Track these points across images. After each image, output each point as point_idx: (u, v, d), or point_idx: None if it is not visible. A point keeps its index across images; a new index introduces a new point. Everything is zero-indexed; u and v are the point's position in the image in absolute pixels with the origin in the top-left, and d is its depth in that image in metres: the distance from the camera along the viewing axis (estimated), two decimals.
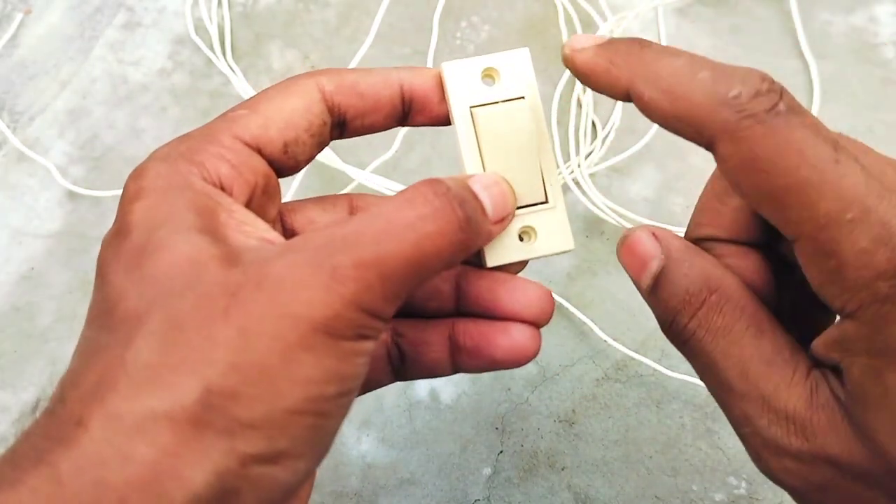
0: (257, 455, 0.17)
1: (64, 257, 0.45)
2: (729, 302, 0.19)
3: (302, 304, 0.17)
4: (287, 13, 0.53)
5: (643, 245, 0.21)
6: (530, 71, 0.24)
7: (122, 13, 0.53)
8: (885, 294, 0.16)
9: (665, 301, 0.20)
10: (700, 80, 0.17)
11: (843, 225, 0.16)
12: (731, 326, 0.19)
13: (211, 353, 0.17)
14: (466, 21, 0.52)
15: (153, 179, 0.20)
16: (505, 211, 0.22)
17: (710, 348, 0.19)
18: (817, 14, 0.50)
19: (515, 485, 0.38)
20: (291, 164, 0.22)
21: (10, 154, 0.48)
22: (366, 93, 0.23)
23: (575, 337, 0.41)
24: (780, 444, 0.18)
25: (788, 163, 0.17)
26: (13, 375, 0.42)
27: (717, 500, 0.37)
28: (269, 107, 0.22)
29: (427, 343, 0.24)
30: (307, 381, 0.17)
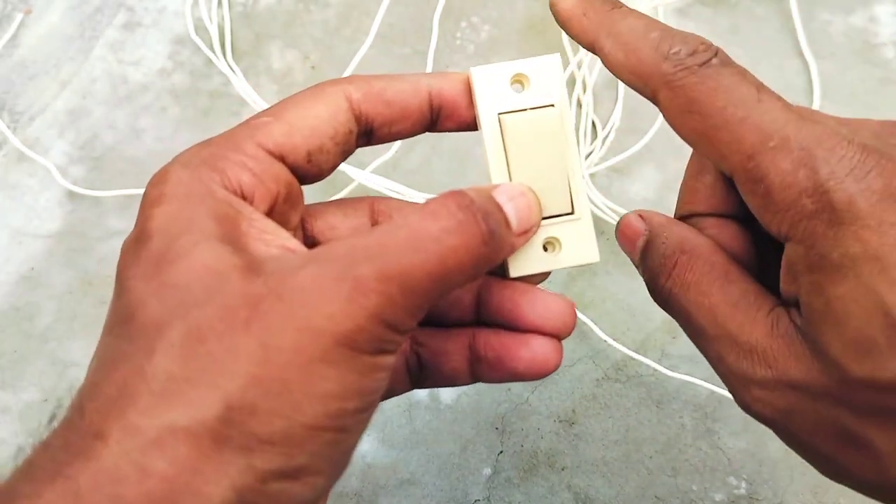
0: (276, 471, 0.16)
1: (64, 257, 0.45)
2: (699, 259, 0.21)
3: (324, 316, 0.17)
4: (287, 13, 0.53)
5: (632, 225, 0.23)
6: (560, 78, 0.23)
7: (122, 13, 0.53)
8: (810, 210, 0.18)
9: (649, 268, 0.23)
10: (650, 38, 0.20)
11: (767, 152, 0.19)
12: (700, 280, 0.21)
13: (232, 366, 0.17)
14: (466, 21, 0.52)
15: (175, 185, 0.20)
16: (529, 223, 0.22)
17: (685, 301, 0.21)
18: (817, 14, 0.50)
19: (515, 485, 0.38)
20: (315, 172, 0.22)
21: (10, 154, 0.48)
22: (393, 100, 0.22)
23: (575, 337, 0.41)
24: (747, 376, 0.20)
25: (716, 104, 0.19)
26: (13, 375, 0.42)
27: (717, 500, 0.37)
28: (294, 115, 0.21)
29: (447, 353, 0.24)
30: (327, 396, 0.17)
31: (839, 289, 0.18)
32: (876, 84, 0.48)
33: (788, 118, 0.19)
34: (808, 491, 0.37)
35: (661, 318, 0.42)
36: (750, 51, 0.49)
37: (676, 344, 0.41)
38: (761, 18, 0.51)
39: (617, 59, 0.21)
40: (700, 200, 0.23)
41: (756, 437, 0.38)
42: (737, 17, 0.51)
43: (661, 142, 0.46)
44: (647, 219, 0.23)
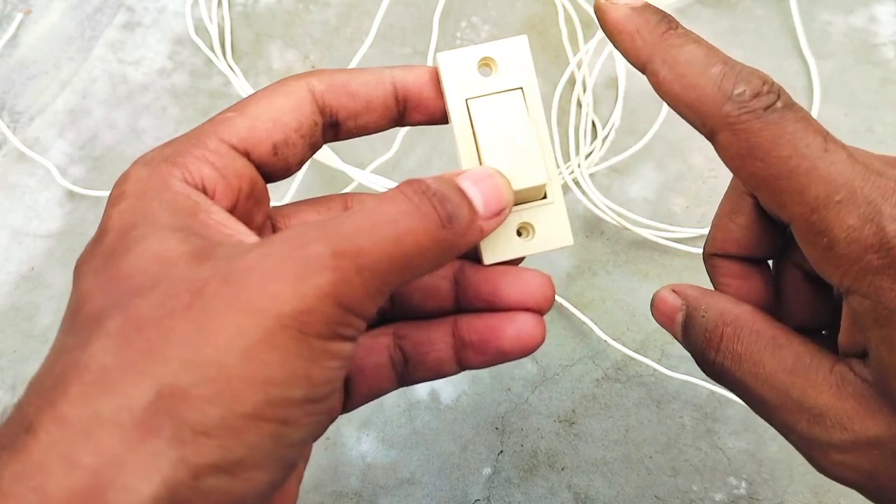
0: (211, 465, 0.15)
1: (64, 257, 0.45)
2: (743, 329, 0.21)
3: (269, 296, 0.16)
4: (287, 13, 0.53)
5: (667, 301, 0.23)
6: (529, 60, 0.23)
7: (122, 13, 0.53)
8: (876, 265, 0.18)
9: (694, 343, 0.22)
10: (711, 74, 0.19)
11: (832, 206, 0.18)
12: (749, 350, 0.21)
13: (166, 351, 0.16)
14: (466, 21, 0.52)
15: (133, 183, 0.19)
16: (500, 205, 0.21)
17: (739, 373, 0.21)
18: (817, 14, 0.51)
19: (515, 485, 0.38)
20: (282, 167, 0.22)
21: (10, 154, 0.48)
22: (357, 92, 0.22)
23: (575, 337, 0.41)
24: (823, 441, 0.19)
25: (781, 152, 0.18)
26: (13, 375, 0.42)
27: (717, 500, 0.37)
28: (257, 109, 0.21)
29: (431, 342, 0.24)
30: (268, 382, 0.16)
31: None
32: (876, 84, 0.48)
33: (855, 170, 0.18)
34: (808, 491, 0.37)
35: None
36: (750, 51, 0.49)
37: (676, 344, 0.41)
38: (761, 18, 0.51)
39: (673, 91, 0.20)
40: (731, 241, 0.23)
41: (756, 437, 0.38)
42: (737, 17, 0.51)
43: (661, 142, 0.46)
44: (681, 293, 0.23)
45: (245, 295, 0.16)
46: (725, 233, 0.23)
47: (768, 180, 0.19)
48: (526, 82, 0.23)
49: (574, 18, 0.51)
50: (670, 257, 0.43)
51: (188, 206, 0.19)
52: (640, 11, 0.21)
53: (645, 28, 0.20)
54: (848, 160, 0.18)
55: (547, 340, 0.41)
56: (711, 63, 0.19)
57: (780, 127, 0.18)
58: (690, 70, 0.19)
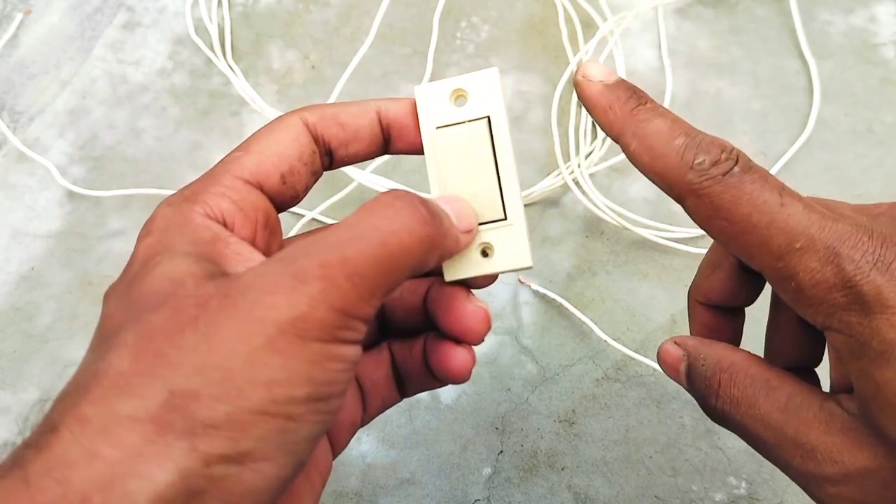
0: (221, 455, 0.17)
1: (64, 257, 0.45)
2: (738, 374, 0.22)
3: (266, 307, 0.17)
4: (287, 13, 0.53)
5: (670, 352, 0.25)
6: (498, 90, 0.24)
7: (122, 13, 0.53)
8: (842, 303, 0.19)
9: (697, 390, 0.24)
10: (674, 146, 0.21)
11: (794, 253, 0.20)
12: (746, 393, 0.22)
13: (176, 358, 0.17)
14: (466, 21, 0.52)
15: (158, 221, 0.21)
16: (469, 223, 0.23)
17: (739, 416, 0.22)
18: (817, 14, 0.51)
19: (515, 485, 0.38)
20: (291, 195, 0.24)
21: (10, 154, 0.48)
22: (346, 123, 0.24)
23: (575, 337, 0.41)
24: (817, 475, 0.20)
25: (742, 210, 0.20)
26: (13, 375, 0.42)
27: (717, 500, 0.37)
28: (261, 145, 0.23)
29: (413, 359, 0.25)
30: (272, 382, 0.17)
31: (885, 373, 0.19)
32: (876, 84, 0.48)
33: (811, 219, 0.20)
34: None
35: (661, 318, 0.42)
36: (750, 51, 0.49)
37: None
38: (761, 18, 0.51)
39: (642, 161, 0.22)
40: (712, 291, 0.26)
41: None
42: (737, 17, 0.51)
43: None
44: (682, 344, 0.25)
45: (244, 307, 0.18)
46: (707, 283, 0.26)
47: (735, 236, 0.21)
48: (493, 111, 0.24)
49: (574, 18, 0.51)
50: (670, 257, 0.43)
51: (207, 237, 0.21)
52: (612, 88, 0.23)
53: (616, 104, 0.23)
54: (804, 210, 0.20)
55: (547, 340, 0.42)
56: (675, 135, 0.22)
57: (739, 189, 0.20)
58: (657, 142, 0.22)
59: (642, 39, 0.51)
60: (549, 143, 0.47)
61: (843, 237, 0.20)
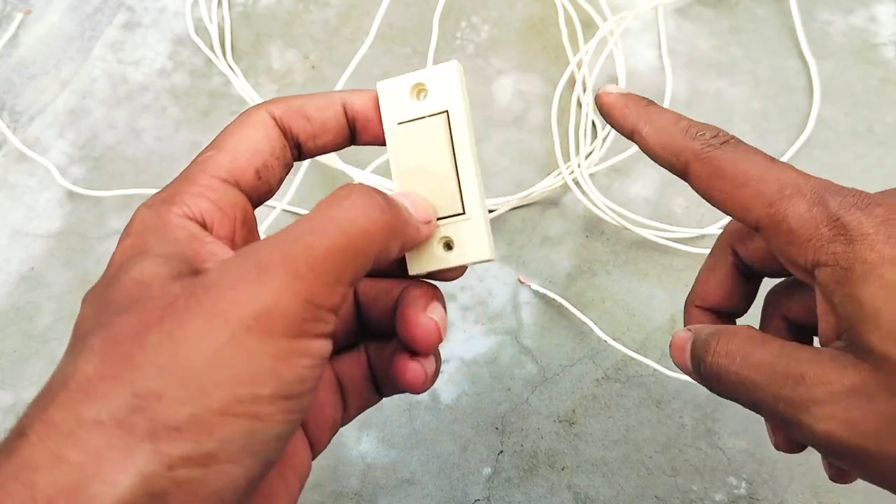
0: (184, 457, 0.17)
1: (64, 257, 0.45)
2: (736, 333, 0.24)
3: (229, 301, 0.17)
4: (287, 13, 0.53)
5: (680, 337, 0.27)
6: (457, 84, 0.24)
7: (122, 13, 0.53)
8: (829, 235, 0.22)
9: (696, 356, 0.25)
10: (680, 125, 0.25)
11: (785, 199, 0.23)
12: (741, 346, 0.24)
13: (141, 360, 0.17)
14: (466, 21, 0.52)
15: (136, 224, 0.21)
16: (427, 214, 0.24)
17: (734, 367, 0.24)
18: (817, 14, 0.51)
19: (515, 485, 0.38)
20: (266, 189, 0.24)
21: (10, 154, 0.48)
22: (312, 115, 0.24)
23: (575, 337, 0.41)
24: (806, 398, 0.22)
25: (738, 167, 0.24)
26: (13, 375, 0.42)
27: (717, 500, 0.37)
28: (233, 142, 0.23)
29: (385, 361, 0.26)
30: (235, 381, 0.17)
31: (867, 290, 0.21)
32: (876, 84, 0.48)
33: (798, 174, 0.23)
34: (808, 491, 0.37)
35: (661, 318, 0.42)
36: (750, 51, 0.49)
37: None
38: (761, 18, 0.51)
39: (653, 139, 0.25)
40: (710, 293, 0.29)
41: (756, 437, 0.38)
42: (737, 17, 0.51)
43: None
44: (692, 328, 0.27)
45: (207, 304, 0.17)
46: (705, 287, 0.29)
47: (732, 193, 0.24)
48: (452, 105, 0.24)
49: (574, 18, 0.51)
50: (670, 257, 0.43)
51: (182, 238, 0.21)
52: (628, 95, 0.27)
53: (631, 103, 0.26)
54: (792, 169, 0.24)
55: (547, 340, 0.41)
56: (681, 119, 0.25)
57: (735, 153, 0.24)
58: (665, 125, 0.25)
59: (642, 39, 0.51)
60: (549, 143, 0.47)
61: (827, 186, 0.23)
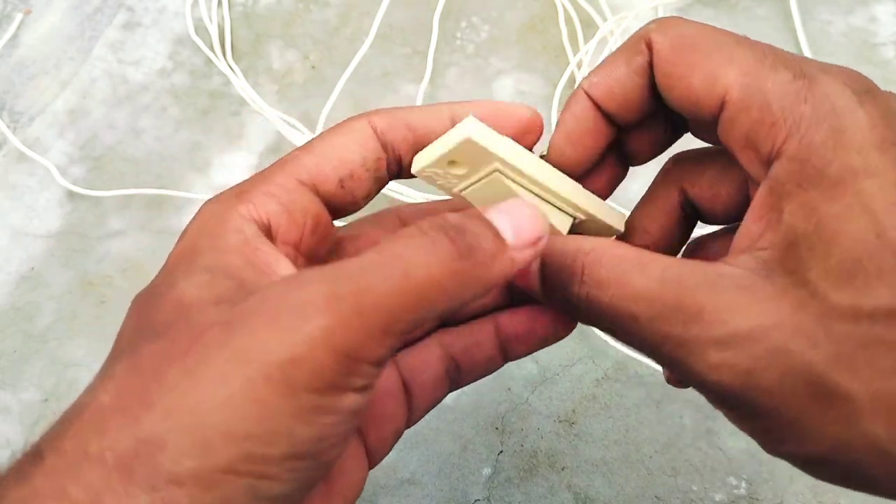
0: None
1: (64, 257, 0.45)
2: (604, 255, 0.20)
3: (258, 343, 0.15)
4: (287, 13, 0.53)
5: (519, 262, 0.20)
6: (487, 141, 0.21)
7: (122, 13, 0.53)
8: (808, 117, 0.18)
9: (554, 285, 0.21)
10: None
11: (765, 67, 0.19)
12: (615, 272, 0.19)
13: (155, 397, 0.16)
14: (466, 21, 0.52)
15: (198, 219, 0.20)
16: (534, 233, 0.19)
17: (606, 298, 0.19)
18: (817, 14, 0.51)
19: (515, 485, 0.38)
20: (350, 200, 0.22)
21: (10, 154, 0.48)
22: (416, 125, 0.22)
23: (575, 337, 0.41)
24: (701, 340, 0.18)
25: (707, 35, 0.21)
26: (13, 375, 0.42)
27: (717, 500, 0.37)
28: (323, 146, 0.22)
29: (478, 345, 0.24)
30: (246, 436, 0.15)
31: (834, 206, 0.17)
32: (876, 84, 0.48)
33: (777, 48, 0.20)
34: (808, 491, 0.37)
35: None
36: None
37: None
38: (761, 18, 0.51)
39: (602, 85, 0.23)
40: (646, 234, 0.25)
41: None
42: (737, 17, 0.51)
43: None
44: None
45: (238, 342, 0.16)
46: (641, 228, 0.25)
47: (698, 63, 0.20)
48: (496, 161, 0.21)
49: (574, 18, 0.51)
50: None
51: (234, 244, 0.19)
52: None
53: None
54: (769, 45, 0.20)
55: None
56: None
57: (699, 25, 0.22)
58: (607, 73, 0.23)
59: None
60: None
61: (820, 65, 0.20)
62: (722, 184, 0.23)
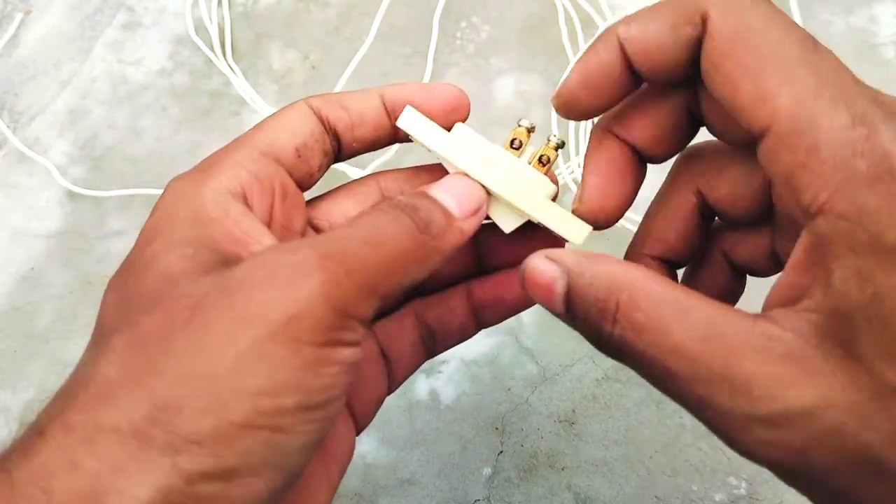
0: (204, 473, 0.16)
1: (64, 257, 0.45)
2: (640, 293, 0.18)
3: (259, 304, 0.16)
4: (287, 13, 0.53)
5: (541, 271, 0.20)
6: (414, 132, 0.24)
7: (122, 13, 0.53)
8: (864, 176, 0.16)
9: (583, 318, 0.19)
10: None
11: (822, 98, 0.16)
12: (652, 317, 0.18)
13: (163, 365, 0.16)
14: (466, 21, 0.52)
15: (167, 196, 0.21)
16: (474, 203, 0.22)
17: (643, 346, 0.18)
18: (817, 14, 0.50)
19: (515, 485, 0.38)
20: (306, 171, 0.24)
21: (10, 154, 0.48)
22: (350, 106, 0.24)
23: (575, 337, 0.41)
24: (747, 415, 0.16)
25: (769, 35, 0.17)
26: (13, 375, 0.42)
27: (717, 500, 0.37)
28: (272, 123, 0.23)
29: (451, 311, 0.26)
30: (258, 392, 0.16)
31: (892, 279, 0.15)
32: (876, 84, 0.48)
33: (847, 73, 0.17)
34: None
35: None
36: None
37: None
38: None
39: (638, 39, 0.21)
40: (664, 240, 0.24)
41: None
42: None
43: None
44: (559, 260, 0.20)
45: (238, 305, 0.17)
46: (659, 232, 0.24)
47: (753, 70, 0.17)
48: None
49: (574, 18, 0.51)
50: None
51: (214, 215, 0.20)
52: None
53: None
54: (839, 63, 0.17)
55: (547, 340, 0.41)
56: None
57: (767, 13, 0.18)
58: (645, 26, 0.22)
59: None
60: None
61: (880, 100, 0.17)
62: (743, 184, 0.21)
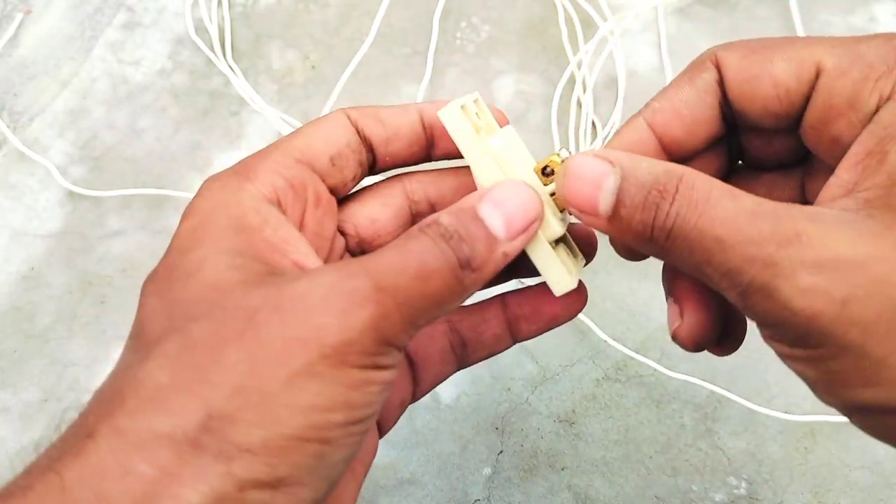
0: (255, 480, 0.17)
1: (64, 257, 0.45)
2: (698, 178, 0.19)
3: (315, 328, 0.17)
4: (287, 13, 0.53)
5: (590, 166, 0.20)
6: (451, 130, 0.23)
7: (122, 13, 0.53)
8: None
9: (636, 206, 0.19)
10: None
11: (852, 40, 0.20)
12: (708, 195, 0.18)
13: (217, 376, 0.17)
14: (466, 21, 0.52)
15: (203, 198, 0.21)
16: (527, 219, 0.21)
17: (695, 219, 0.18)
18: (817, 14, 0.51)
19: (515, 485, 0.38)
20: (340, 179, 0.24)
21: (10, 154, 0.48)
22: (386, 120, 0.24)
23: (575, 337, 0.41)
24: (795, 261, 0.17)
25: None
26: (13, 375, 0.42)
27: (717, 500, 0.37)
28: (309, 131, 0.23)
29: (485, 322, 0.26)
30: (310, 408, 0.17)
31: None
32: None
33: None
34: (808, 491, 0.37)
35: (661, 318, 0.42)
36: None
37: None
38: (761, 18, 0.51)
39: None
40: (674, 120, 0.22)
41: (756, 437, 0.38)
42: (737, 17, 0.51)
43: None
44: (610, 157, 0.20)
45: (292, 323, 0.17)
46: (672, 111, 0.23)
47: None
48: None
49: (574, 18, 0.51)
50: None
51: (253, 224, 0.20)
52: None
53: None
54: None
55: (547, 340, 0.41)
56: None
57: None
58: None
59: (642, 39, 0.51)
60: (549, 142, 0.47)
61: None
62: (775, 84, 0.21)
